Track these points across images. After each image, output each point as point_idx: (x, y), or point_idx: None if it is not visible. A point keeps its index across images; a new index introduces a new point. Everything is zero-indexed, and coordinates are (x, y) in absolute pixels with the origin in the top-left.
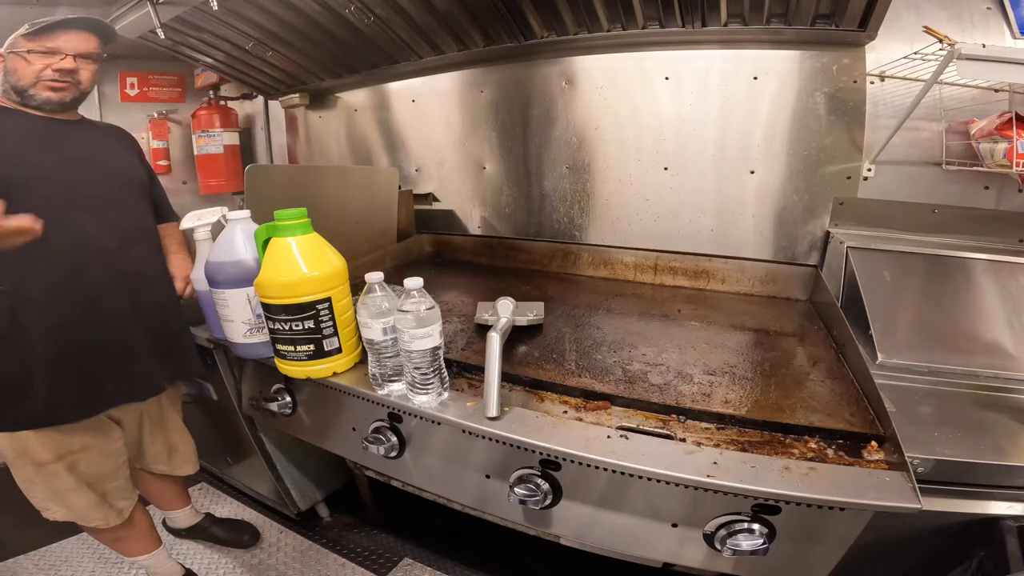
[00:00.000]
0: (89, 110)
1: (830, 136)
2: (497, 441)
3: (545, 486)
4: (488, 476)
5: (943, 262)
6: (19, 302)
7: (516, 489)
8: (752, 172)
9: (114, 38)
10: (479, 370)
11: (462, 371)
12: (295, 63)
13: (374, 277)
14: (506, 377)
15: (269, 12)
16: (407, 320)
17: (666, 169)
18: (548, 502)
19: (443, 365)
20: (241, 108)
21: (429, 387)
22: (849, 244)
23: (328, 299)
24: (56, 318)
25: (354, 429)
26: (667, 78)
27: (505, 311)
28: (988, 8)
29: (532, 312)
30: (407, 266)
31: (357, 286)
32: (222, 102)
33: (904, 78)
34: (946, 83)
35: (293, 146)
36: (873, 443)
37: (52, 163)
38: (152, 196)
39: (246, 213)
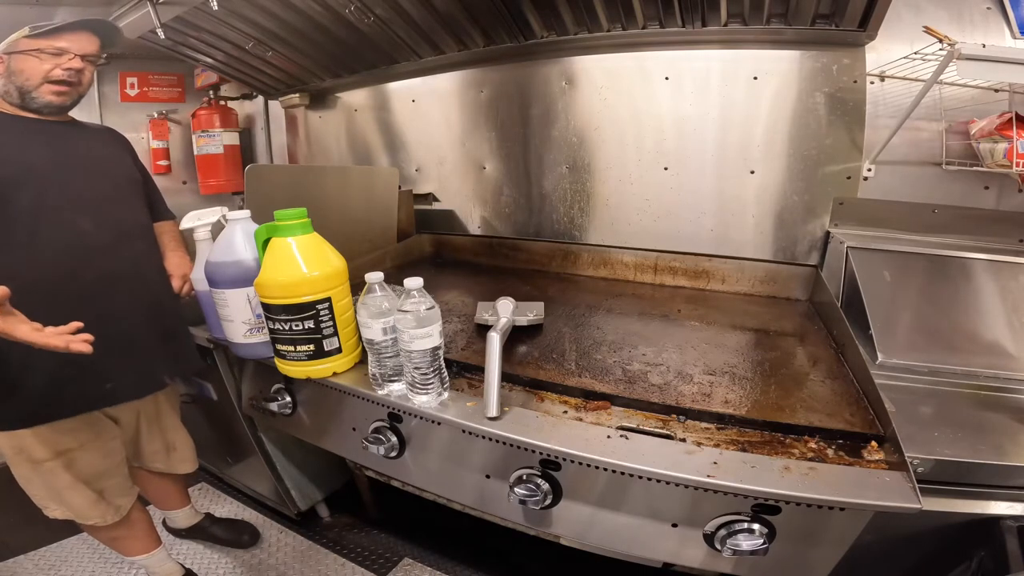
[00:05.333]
0: (89, 110)
1: (830, 136)
2: (497, 441)
3: (545, 486)
4: (488, 476)
5: (943, 262)
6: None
7: (516, 489)
8: (752, 172)
9: (119, 39)
10: (479, 370)
11: (462, 371)
12: (295, 63)
13: (374, 277)
14: (506, 377)
15: (269, 12)
16: (407, 320)
17: (666, 169)
18: (548, 502)
19: (443, 365)
20: (241, 108)
21: (429, 387)
22: (849, 244)
23: (328, 299)
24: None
25: (354, 429)
26: (667, 78)
27: (505, 311)
28: (988, 8)
29: (532, 312)
30: (407, 266)
31: (357, 286)
32: (222, 102)
33: (904, 78)
34: (946, 83)
35: (293, 146)
36: (873, 443)
37: (45, 163)
38: (147, 195)
39: (246, 213)
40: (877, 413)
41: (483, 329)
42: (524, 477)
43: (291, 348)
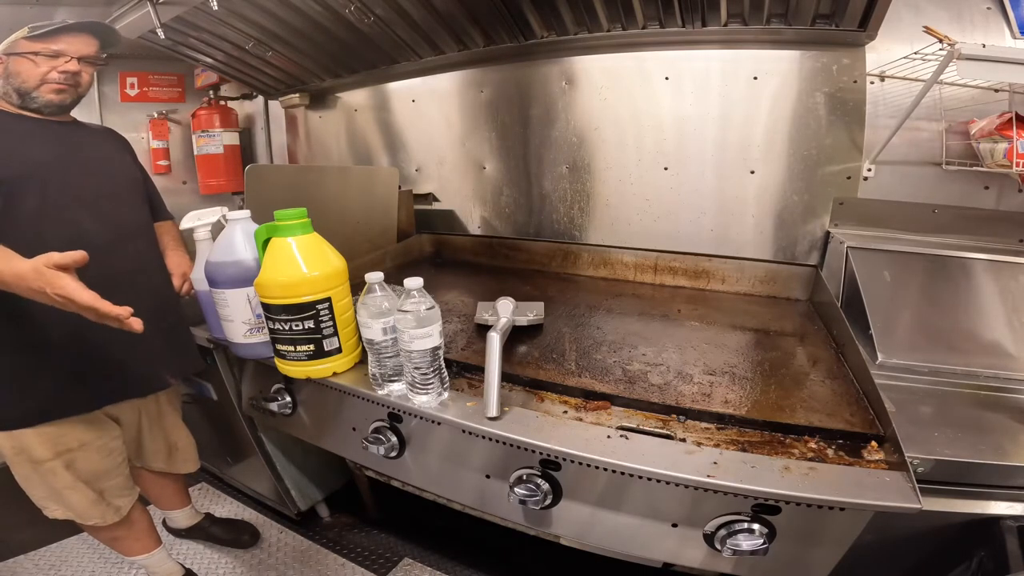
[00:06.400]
0: (89, 110)
1: (830, 136)
2: (497, 441)
3: (545, 486)
4: (488, 476)
5: (943, 262)
6: (15, 300)
7: (516, 489)
8: (752, 172)
9: (117, 42)
10: (479, 370)
11: (462, 371)
12: (295, 63)
13: (374, 277)
14: (506, 377)
15: (269, 12)
16: (407, 320)
17: (666, 169)
18: (548, 502)
19: (443, 365)
20: (241, 108)
21: (429, 387)
22: (849, 244)
23: (328, 299)
24: (52, 315)
25: (354, 429)
26: (667, 78)
27: (505, 311)
28: (988, 8)
29: (532, 312)
30: (407, 266)
31: (357, 286)
32: (222, 102)
33: (904, 78)
34: (946, 83)
35: (293, 146)
36: (873, 443)
37: (47, 162)
38: (147, 194)
39: (246, 213)
40: (877, 413)
41: (483, 329)
42: (524, 477)
43: (291, 348)
